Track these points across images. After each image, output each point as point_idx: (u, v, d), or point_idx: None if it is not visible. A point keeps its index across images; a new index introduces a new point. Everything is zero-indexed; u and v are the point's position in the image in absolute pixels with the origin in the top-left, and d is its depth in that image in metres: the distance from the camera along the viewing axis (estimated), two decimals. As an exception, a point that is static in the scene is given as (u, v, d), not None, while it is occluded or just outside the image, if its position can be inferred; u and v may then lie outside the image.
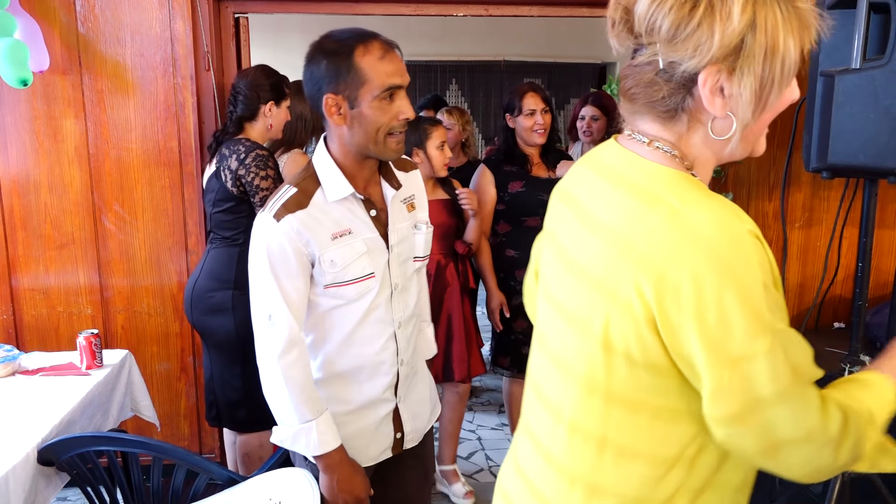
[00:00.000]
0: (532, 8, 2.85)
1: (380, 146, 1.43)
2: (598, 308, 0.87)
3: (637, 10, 0.84)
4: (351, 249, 1.46)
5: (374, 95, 1.39)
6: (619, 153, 0.93)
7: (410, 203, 1.62)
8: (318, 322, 1.53)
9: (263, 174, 2.25)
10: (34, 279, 2.76)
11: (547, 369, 1.00)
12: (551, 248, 1.02)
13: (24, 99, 2.62)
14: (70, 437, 1.78)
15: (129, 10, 2.59)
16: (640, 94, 0.89)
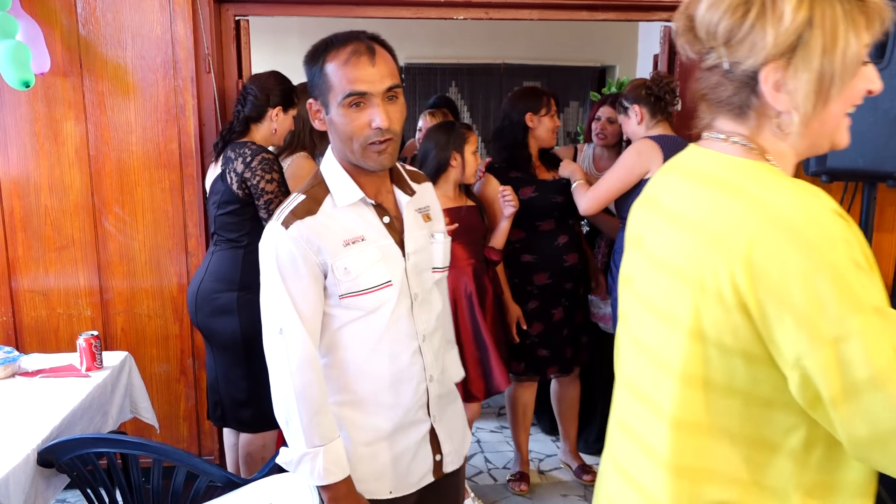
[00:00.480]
0: (532, 11, 2.86)
1: (357, 156, 1.36)
2: (687, 300, 0.88)
3: (696, 17, 0.90)
4: (365, 256, 1.38)
5: (338, 102, 1.32)
6: (698, 153, 0.97)
7: (426, 214, 1.53)
8: (337, 338, 1.43)
9: (269, 177, 2.26)
10: (34, 281, 2.76)
11: (643, 368, 1.00)
12: (638, 252, 1.03)
13: (25, 101, 2.62)
14: (70, 439, 1.78)
15: (130, 12, 2.60)
16: (710, 95, 0.94)
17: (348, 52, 1.32)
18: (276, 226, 1.37)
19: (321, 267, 1.37)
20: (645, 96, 2.53)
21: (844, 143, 0.96)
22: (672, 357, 0.92)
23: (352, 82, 1.30)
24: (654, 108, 2.54)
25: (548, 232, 2.77)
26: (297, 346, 1.36)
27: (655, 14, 2.93)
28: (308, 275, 1.36)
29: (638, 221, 1.07)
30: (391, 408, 1.46)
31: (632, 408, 1.03)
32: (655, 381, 0.96)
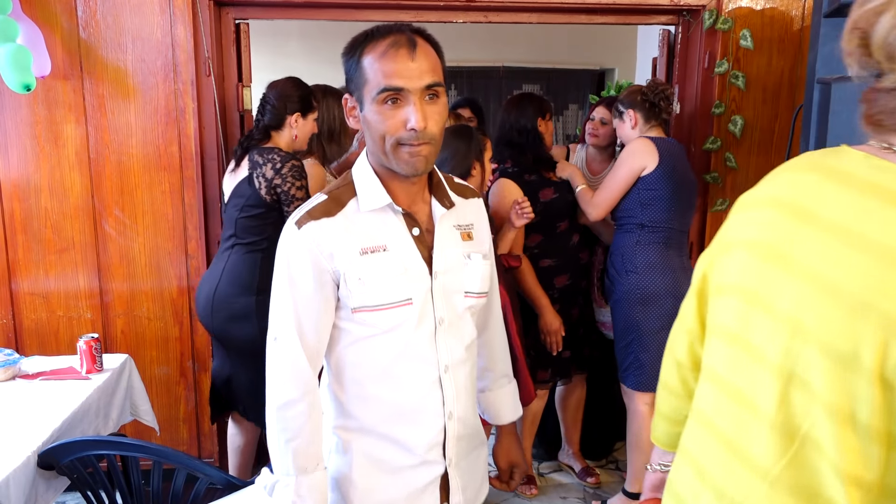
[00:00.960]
0: (531, 15, 2.87)
1: (390, 157, 1.22)
2: (871, 337, 0.74)
3: (874, 37, 0.79)
4: (384, 267, 1.25)
5: (372, 98, 1.19)
6: (874, 165, 0.81)
7: (467, 232, 1.37)
8: (346, 356, 1.30)
9: (299, 184, 2.31)
10: (34, 283, 2.76)
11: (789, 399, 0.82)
12: (775, 267, 0.86)
13: (26, 103, 2.63)
14: (70, 441, 1.78)
15: (130, 15, 2.61)
16: (887, 120, 0.82)
17: (386, 45, 1.19)
18: (290, 225, 1.26)
19: (333, 274, 1.24)
20: (640, 102, 2.59)
21: None
22: (840, 400, 0.77)
23: (387, 76, 1.17)
24: (648, 114, 2.59)
25: (564, 232, 2.79)
26: (286, 358, 1.26)
27: (654, 18, 2.94)
28: (315, 281, 1.24)
29: (768, 228, 0.89)
30: (398, 442, 1.31)
31: (720, 459, 0.89)
32: (816, 422, 0.79)
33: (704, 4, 2.79)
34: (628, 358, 2.62)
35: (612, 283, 2.66)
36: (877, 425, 0.73)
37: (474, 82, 6.76)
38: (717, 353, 0.95)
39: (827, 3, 1.91)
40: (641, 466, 2.75)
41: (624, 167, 2.56)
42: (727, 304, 0.94)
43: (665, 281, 2.55)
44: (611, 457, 3.32)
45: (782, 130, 2.87)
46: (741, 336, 0.90)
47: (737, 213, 0.98)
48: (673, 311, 2.64)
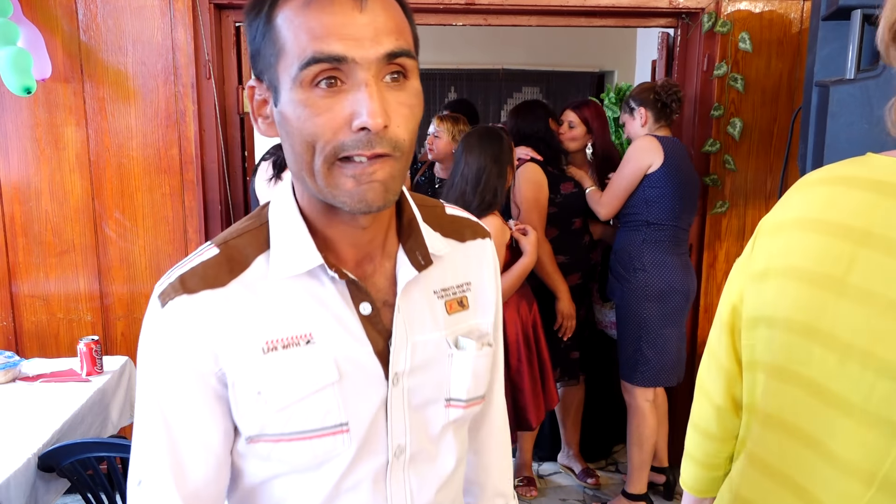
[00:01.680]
0: (531, 17, 2.87)
1: (322, 182, 0.72)
2: None
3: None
4: (302, 373, 0.77)
5: (292, 78, 0.70)
6: None
7: (458, 299, 0.88)
8: (250, 502, 0.84)
9: None
10: (34, 286, 2.77)
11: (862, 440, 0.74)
12: (834, 296, 0.77)
13: (26, 106, 2.63)
14: (70, 444, 1.78)
15: (130, 18, 2.61)
16: None
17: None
18: (153, 301, 0.78)
19: (218, 379, 0.77)
20: (652, 101, 2.62)
21: None
22: None
23: (318, 38, 0.68)
24: (658, 114, 2.63)
25: (578, 230, 2.83)
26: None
27: (653, 20, 2.95)
28: (193, 390, 0.77)
29: (818, 255, 0.80)
30: None
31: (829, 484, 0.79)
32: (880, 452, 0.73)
33: (703, 7, 2.80)
34: (634, 355, 2.65)
35: (619, 281, 2.67)
36: None
37: (474, 84, 6.78)
38: (771, 392, 0.85)
39: (825, 5, 1.91)
40: (641, 464, 2.76)
41: (630, 165, 2.59)
42: (774, 337, 0.84)
43: (672, 278, 2.58)
44: (610, 458, 3.32)
45: (781, 133, 2.88)
46: (799, 374, 0.81)
47: (767, 238, 0.88)
48: (679, 308, 2.69)
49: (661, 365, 2.63)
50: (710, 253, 2.95)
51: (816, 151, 1.93)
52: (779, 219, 0.88)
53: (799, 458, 0.81)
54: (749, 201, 2.92)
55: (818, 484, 0.78)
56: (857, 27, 1.81)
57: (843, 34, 1.86)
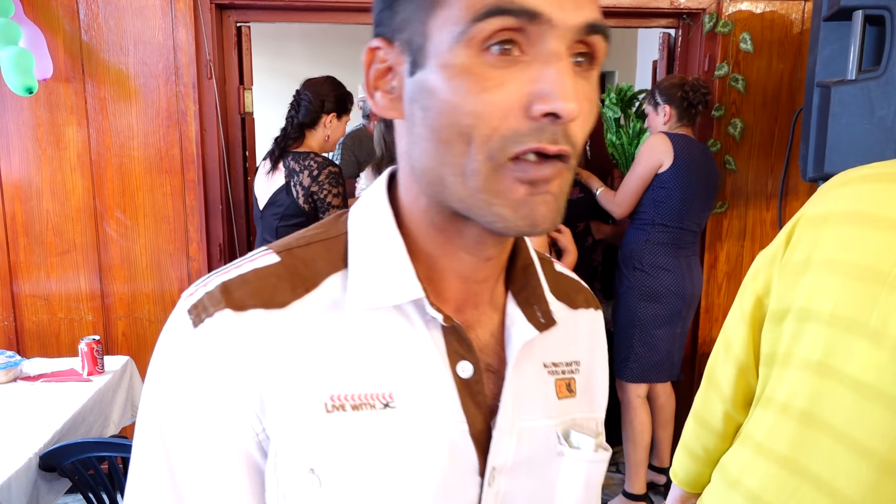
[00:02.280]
0: (532, 18, 2.87)
1: (476, 186, 0.52)
2: None
3: None
4: (379, 449, 0.55)
5: (453, 34, 0.50)
6: None
7: (566, 381, 0.66)
8: None
9: (336, 191, 2.30)
10: (35, 285, 2.77)
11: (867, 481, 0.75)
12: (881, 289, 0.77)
13: (28, 106, 2.63)
14: (72, 443, 1.78)
15: (132, 19, 2.61)
16: None
17: None
18: (180, 315, 0.57)
19: (258, 443, 0.54)
20: (679, 99, 2.56)
21: None
22: None
23: None
24: (683, 113, 2.58)
25: (582, 232, 2.85)
26: None
27: (654, 21, 2.95)
28: (224, 457, 0.54)
29: (878, 248, 0.78)
30: None
31: None
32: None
33: (704, 8, 2.80)
34: (625, 350, 2.67)
35: (620, 278, 2.69)
36: None
37: (475, 85, 6.78)
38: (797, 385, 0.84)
39: (826, 6, 1.91)
40: (638, 461, 2.76)
41: (641, 164, 2.60)
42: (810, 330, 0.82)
43: (670, 281, 2.59)
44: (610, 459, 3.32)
45: (782, 133, 2.88)
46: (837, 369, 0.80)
47: (809, 230, 0.86)
48: (674, 310, 2.68)
49: (652, 362, 2.65)
50: (710, 254, 2.96)
51: (817, 152, 1.93)
52: (823, 211, 0.85)
53: (825, 450, 0.79)
54: (750, 202, 2.93)
55: (841, 476, 0.77)
56: (859, 28, 1.81)
57: (845, 35, 1.86)
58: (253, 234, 2.92)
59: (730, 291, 3.00)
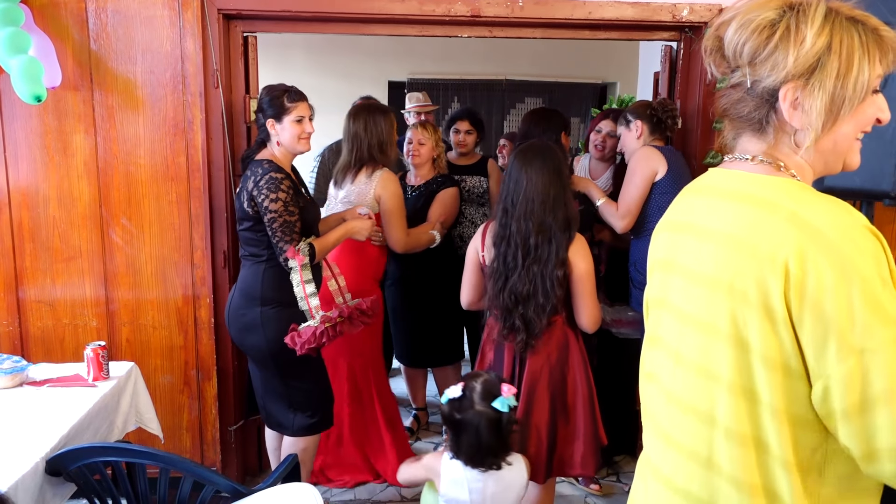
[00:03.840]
0: (535, 30, 2.91)
1: None
2: (727, 310, 0.92)
3: (725, 39, 0.99)
4: None
5: None
6: (725, 175, 1.03)
7: None
8: None
9: (273, 196, 2.31)
10: (41, 291, 2.79)
11: (689, 381, 1.02)
12: (670, 274, 1.08)
13: (36, 114, 2.66)
14: (78, 448, 1.80)
15: (140, 28, 2.65)
16: (731, 110, 1.01)
17: None
18: None
19: None
20: (648, 115, 2.73)
21: (855, 164, 1.01)
22: (718, 368, 0.95)
23: None
24: (654, 127, 2.74)
25: None
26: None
27: (656, 34, 2.98)
28: None
29: (665, 246, 1.11)
30: None
31: (678, 420, 1.04)
32: (704, 392, 0.98)
33: (706, 21, 2.83)
34: None
35: (641, 290, 2.69)
36: (738, 381, 0.92)
37: (477, 95, 6.82)
38: (649, 358, 1.15)
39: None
40: None
41: (638, 175, 2.64)
42: (652, 315, 1.14)
43: None
44: (612, 469, 3.33)
45: (783, 145, 2.90)
46: (657, 337, 1.11)
47: (651, 242, 1.18)
48: None
49: None
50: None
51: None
52: (658, 224, 1.19)
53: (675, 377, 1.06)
54: (751, 213, 2.95)
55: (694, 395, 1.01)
56: (858, 43, 1.83)
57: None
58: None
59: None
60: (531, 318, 2.16)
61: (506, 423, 1.89)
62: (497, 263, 2.21)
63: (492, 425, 1.87)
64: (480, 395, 1.89)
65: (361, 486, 3.11)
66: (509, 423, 1.90)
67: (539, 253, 2.14)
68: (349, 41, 6.17)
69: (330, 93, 2.90)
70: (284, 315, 2.38)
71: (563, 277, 2.15)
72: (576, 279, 2.19)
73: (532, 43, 6.04)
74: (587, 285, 2.19)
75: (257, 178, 2.34)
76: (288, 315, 2.38)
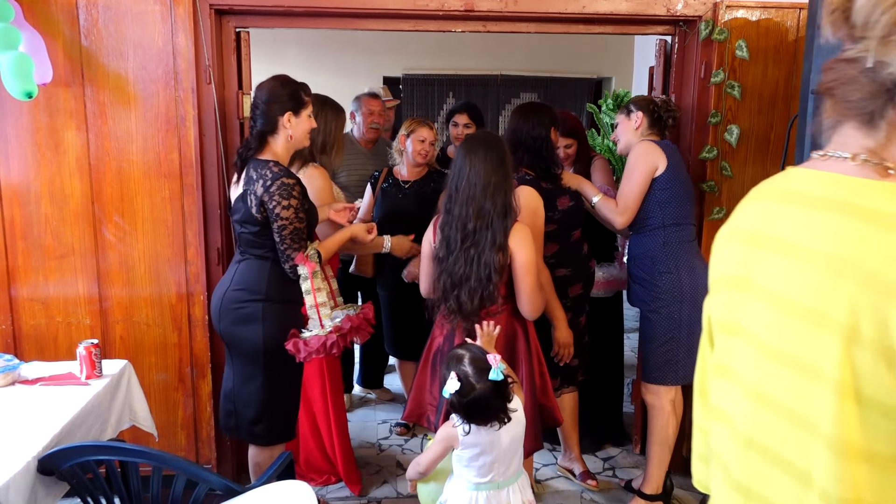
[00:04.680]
0: (529, 25, 2.90)
1: None
2: (829, 349, 0.76)
3: (857, 1, 0.78)
4: None
5: None
6: (816, 177, 0.84)
7: None
8: None
9: (285, 203, 2.25)
10: (33, 289, 2.77)
11: (779, 430, 0.84)
12: (747, 295, 0.90)
13: (27, 110, 2.64)
14: (70, 447, 1.79)
15: (132, 24, 2.63)
16: (838, 91, 0.82)
17: None
18: None
19: None
20: (650, 110, 2.71)
21: None
22: (818, 418, 0.78)
23: None
24: (653, 122, 2.72)
25: (577, 241, 2.82)
26: None
27: (651, 28, 2.97)
28: None
29: (736, 261, 0.93)
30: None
31: (764, 475, 0.87)
32: (799, 446, 0.81)
33: (701, 15, 2.82)
34: (664, 356, 2.67)
35: (644, 286, 2.69)
36: (850, 438, 0.75)
37: (472, 90, 6.81)
38: (717, 390, 0.99)
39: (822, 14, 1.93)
40: (663, 463, 2.77)
41: (638, 170, 2.63)
42: (720, 341, 0.98)
43: (699, 277, 2.62)
44: (608, 464, 3.33)
45: (778, 140, 2.90)
46: (728, 368, 0.95)
47: (714, 252, 1.01)
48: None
49: (692, 364, 2.66)
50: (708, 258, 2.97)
51: (812, 158, 1.95)
52: (722, 232, 1.01)
53: (758, 421, 0.89)
54: (746, 208, 2.94)
55: (786, 446, 0.84)
56: (853, 36, 1.82)
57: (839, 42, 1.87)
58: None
59: (726, 297, 3.01)
60: (464, 300, 2.25)
61: (504, 386, 1.96)
62: (439, 247, 2.31)
63: (495, 394, 1.94)
64: (475, 375, 1.94)
65: (357, 483, 3.11)
66: (506, 383, 1.96)
67: (477, 237, 2.23)
68: (344, 36, 6.15)
69: (324, 88, 2.88)
70: (285, 312, 2.36)
71: (499, 263, 2.22)
72: (516, 267, 2.26)
73: (527, 38, 6.03)
74: (527, 274, 2.26)
75: (267, 182, 2.26)
76: (289, 312, 2.36)
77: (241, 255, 2.43)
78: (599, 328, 3.26)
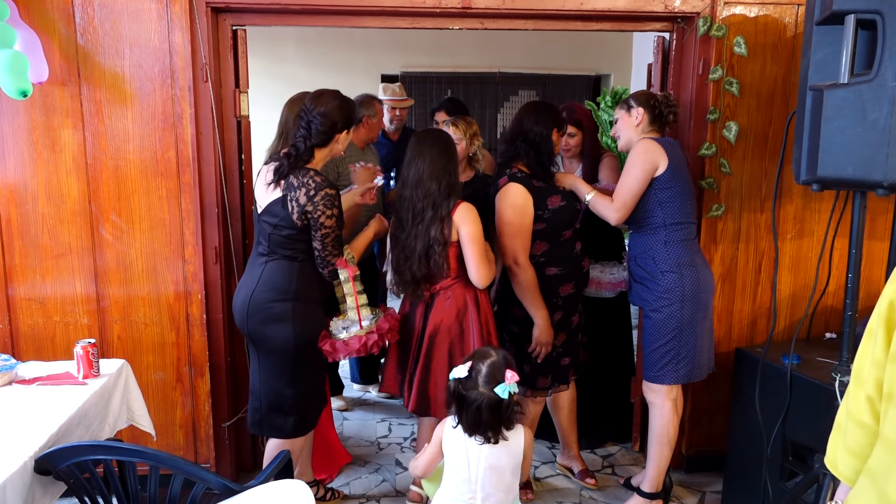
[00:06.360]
0: (527, 21, 2.89)
1: None
2: None
3: None
4: None
5: None
6: None
7: None
8: None
9: (329, 213, 2.35)
10: (31, 288, 2.77)
11: None
12: None
13: (23, 109, 2.63)
14: (67, 447, 1.79)
15: (128, 22, 2.62)
16: None
17: None
18: None
19: None
20: (651, 106, 2.69)
21: None
22: None
23: None
24: (653, 118, 2.69)
25: (568, 240, 2.79)
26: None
27: (648, 24, 2.96)
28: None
29: None
30: None
31: None
32: None
33: (699, 12, 2.81)
34: (667, 356, 2.66)
35: (645, 285, 2.68)
36: None
37: (470, 88, 6.80)
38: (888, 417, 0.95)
39: (819, 10, 1.93)
40: (663, 461, 2.76)
41: (638, 168, 2.60)
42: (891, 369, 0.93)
43: (700, 275, 2.62)
44: (607, 461, 3.33)
45: (776, 136, 2.89)
46: None
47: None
48: (707, 303, 2.75)
49: (697, 361, 2.66)
50: (706, 256, 2.97)
51: (811, 155, 1.95)
52: None
53: None
54: (744, 204, 2.94)
55: None
56: (851, 32, 1.82)
57: (837, 39, 1.87)
58: (249, 237, 2.92)
59: (725, 294, 3.01)
60: (415, 271, 2.58)
61: (506, 407, 1.96)
62: (395, 226, 2.66)
63: (492, 407, 1.94)
64: (485, 378, 1.95)
65: (356, 481, 3.11)
66: (510, 407, 1.97)
67: (424, 215, 2.54)
68: (342, 34, 6.14)
69: (322, 86, 2.86)
70: (315, 311, 2.49)
71: (444, 238, 2.53)
72: (462, 239, 2.55)
73: (525, 35, 6.02)
74: (471, 245, 2.54)
75: (310, 192, 2.32)
76: (315, 311, 2.49)
77: (267, 254, 2.45)
78: (607, 327, 3.25)
